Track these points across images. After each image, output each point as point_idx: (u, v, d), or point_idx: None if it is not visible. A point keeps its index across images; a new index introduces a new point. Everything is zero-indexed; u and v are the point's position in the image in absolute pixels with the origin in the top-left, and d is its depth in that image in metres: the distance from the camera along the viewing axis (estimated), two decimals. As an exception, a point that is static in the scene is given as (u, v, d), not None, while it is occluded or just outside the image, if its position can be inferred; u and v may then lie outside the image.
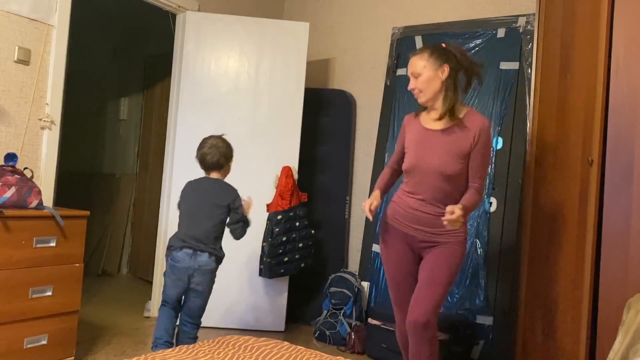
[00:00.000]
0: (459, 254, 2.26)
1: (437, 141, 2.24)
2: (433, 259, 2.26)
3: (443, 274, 2.22)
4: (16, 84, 2.80)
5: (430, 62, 2.20)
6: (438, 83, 2.21)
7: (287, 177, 3.52)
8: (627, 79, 2.25)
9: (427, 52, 2.23)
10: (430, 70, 2.20)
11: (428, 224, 2.27)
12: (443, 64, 2.20)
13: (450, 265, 2.23)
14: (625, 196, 2.22)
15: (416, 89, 2.25)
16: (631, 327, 1.80)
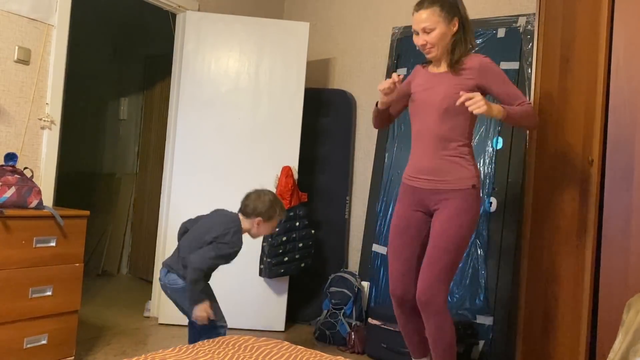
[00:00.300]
0: (465, 211, 2.16)
1: (441, 82, 2.24)
2: (437, 226, 2.19)
3: (445, 246, 2.15)
4: (16, 83, 2.80)
5: (442, 16, 2.17)
6: (449, 37, 2.21)
7: (287, 177, 3.52)
8: (627, 79, 2.26)
9: (437, 5, 2.18)
10: (443, 25, 2.18)
11: (432, 171, 2.22)
12: (454, 17, 2.20)
13: (454, 233, 2.15)
14: (625, 196, 2.22)
15: (428, 44, 2.21)
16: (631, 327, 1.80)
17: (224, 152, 3.52)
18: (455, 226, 2.15)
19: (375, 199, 3.67)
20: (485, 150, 3.21)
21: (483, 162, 3.21)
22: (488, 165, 3.20)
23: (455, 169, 2.19)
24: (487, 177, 3.19)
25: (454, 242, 2.15)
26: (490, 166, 3.19)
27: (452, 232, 2.15)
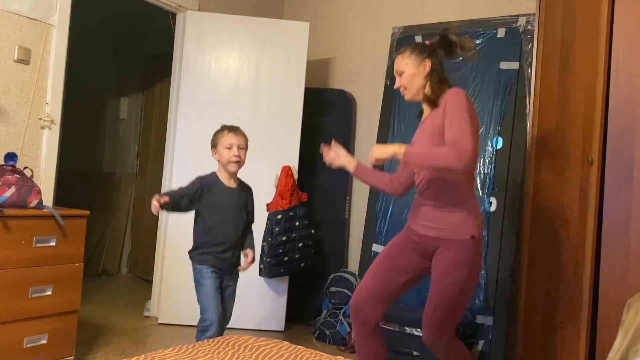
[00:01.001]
0: (464, 258, 2.08)
1: (422, 132, 2.25)
2: (434, 277, 2.14)
3: (443, 301, 2.11)
4: (16, 83, 2.80)
5: (411, 59, 2.22)
6: (420, 79, 2.21)
7: (287, 177, 3.52)
8: (627, 79, 2.26)
9: (408, 50, 2.25)
10: (412, 66, 2.21)
11: (427, 216, 2.17)
12: (424, 59, 2.20)
13: (451, 290, 2.09)
14: (625, 196, 2.22)
15: (401, 87, 2.26)
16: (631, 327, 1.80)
17: (224, 152, 3.53)
18: (452, 282, 2.09)
19: (375, 199, 3.67)
20: (485, 150, 3.21)
21: (483, 162, 3.21)
22: (488, 165, 3.20)
23: (453, 218, 2.11)
24: (487, 177, 3.19)
25: (452, 297, 2.11)
26: (490, 166, 3.19)
27: (449, 288, 2.10)
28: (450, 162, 1.94)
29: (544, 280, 2.65)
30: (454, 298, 2.11)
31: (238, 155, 2.46)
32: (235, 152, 2.45)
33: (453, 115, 2.03)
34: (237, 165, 2.48)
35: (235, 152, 2.45)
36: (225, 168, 2.49)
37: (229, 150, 2.45)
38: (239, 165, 2.49)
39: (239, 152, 2.46)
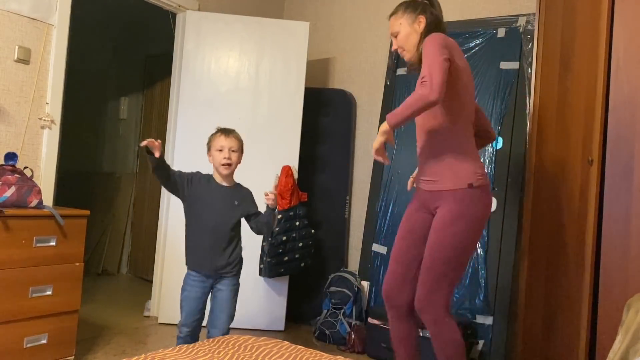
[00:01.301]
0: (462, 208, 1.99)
1: None
2: (432, 232, 2.05)
3: (439, 256, 2.01)
4: (16, 83, 2.80)
5: (404, 17, 2.16)
6: (416, 36, 2.15)
7: (287, 177, 3.52)
8: (627, 79, 2.26)
9: (400, 9, 2.20)
10: (406, 26, 2.16)
11: (425, 171, 2.13)
12: (418, 16, 2.15)
13: (448, 243, 1.99)
14: (625, 196, 2.22)
15: (399, 48, 2.20)
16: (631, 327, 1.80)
17: (224, 152, 3.53)
18: (450, 235, 2.00)
19: (375, 199, 3.67)
20: (485, 150, 3.21)
21: (483, 162, 3.21)
22: (488, 165, 3.20)
23: (448, 167, 2.05)
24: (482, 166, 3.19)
25: (449, 252, 2.00)
26: (490, 166, 3.19)
27: (446, 241, 2.01)
28: (423, 99, 1.90)
29: (544, 280, 2.65)
30: (451, 254, 1.99)
31: (229, 158, 2.44)
32: (226, 155, 2.44)
33: (424, 58, 1.98)
34: (228, 167, 2.46)
35: (226, 155, 2.44)
36: (217, 170, 2.49)
37: (220, 152, 2.45)
38: (230, 168, 2.47)
39: (230, 154, 2.45)
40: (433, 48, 1.97)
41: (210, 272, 2.42)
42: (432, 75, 1.90)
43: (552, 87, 2.70)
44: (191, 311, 2.40)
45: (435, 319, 2.02)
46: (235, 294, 2.47)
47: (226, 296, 2.43)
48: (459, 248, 2.01)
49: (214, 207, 2.45)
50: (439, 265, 2.02)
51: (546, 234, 2.66)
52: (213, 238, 2.42)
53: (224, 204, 2.47)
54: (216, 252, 2.41)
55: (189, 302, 2.41)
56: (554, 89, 2.69)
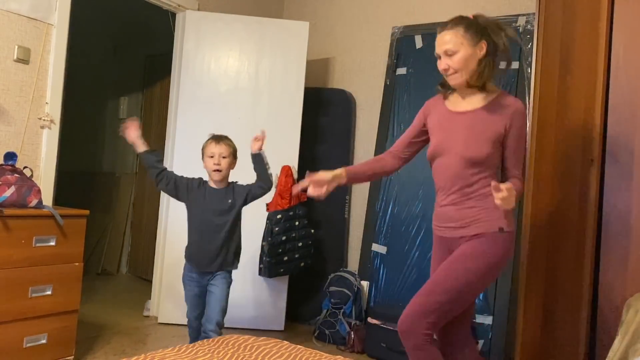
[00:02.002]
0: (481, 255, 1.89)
1: (463, 123, 1.98)
2: (449, 259, 1.96)
3: (444, 285, 1.90)
4: (16, 83, 2.80)
5: (466, 38, 1.92)
6: (475, 61, 1.94)
7: (286, 177, 3.52)
8: (626, 79, 2.26)
9: (462, 26, 1.94)
10: (468, 47, 1.92)
11: (454, 217, 1.98)
12: (481, 40, 1.93)
13: (459, 275, 1.89)
14: (625, 195, 2.22)
15: (450, 69, 1.96)
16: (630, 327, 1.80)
17: (224, 152, 3.52)
18: (463, 268, 1.90)
19: (375, 198, 3.67)
20: (485, 150, 3.20)
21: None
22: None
23: (480, 214, 1.95)
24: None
25: (457, 284, 1.89)
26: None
27: (458, 273, 1.90)
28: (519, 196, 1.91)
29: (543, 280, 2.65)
30: (457, 286, 1.88)
31: (218, 164, 2.55)
32: (216, 161, 2.55)
33: (520, 144, 1.96)
34: (219, 173, 2.57)
35: (216, 161, 2.55)
36: (209, 176, 2.63)
37: (211, 159, 2.57)
38: (220, 174, 2.58)
39: (221, 160, 2.56)
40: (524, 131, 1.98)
41: (207, 270, 2.58)
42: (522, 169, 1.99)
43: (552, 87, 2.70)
44: (192, 307, 2.64)
45: (416, 344, 1.88)
46: (228, 287, 2.61)
47: (220, 291, 2.58)
48: (467, 284, 1.90)
49: (210, 210, 2.59)
50: (439, 292, 1.90)
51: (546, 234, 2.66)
52: (211, 239, 2.57)
53: (219, 206, 2.59)
54: (214, 252, 2.57)
55: (188, 299, 2.65)
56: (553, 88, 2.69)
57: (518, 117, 1.95)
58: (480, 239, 1.92)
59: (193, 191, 2.61)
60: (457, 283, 1.89)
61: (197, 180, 2.66)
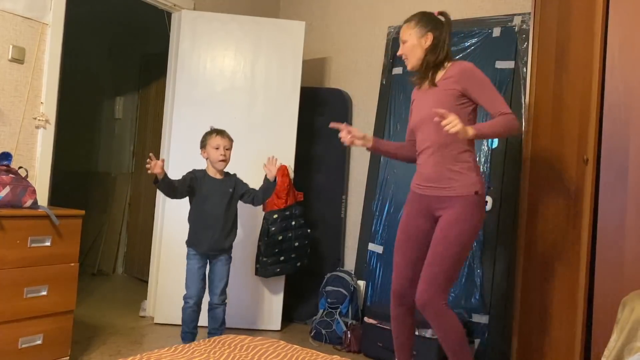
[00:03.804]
0: (466, 218, 2.20)
1: (430, 97, 2.32)
2: (438, 231, 2.24)
3: (444, 252, 2.19)
4: (10, 82, 2.79)
5: (415, 30, 2.33)
6: (420, 50, 2.32)
7: (283, 176, 3.52)
8: (622, 78, 2.26)
9: (414, 20, 2.36)
10: (414, 38, 2.32)
11: (434, 177, 2.28)
12: (427, 32, 2.31)
13: (453, 240, 2.19)
14: (620, 195, 2.23)
15: (403, 55, 2.38)
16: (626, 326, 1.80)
17: (220, 151, 3.52)
18: (455, 233, 2.20)
19: (372, 198, 3.67)
20: (481, 149, 3.22)
21: (479, 161, 3.21)
22: (484, 164, 3.20)
23: (457, 176, 2.24)
24: (482, 176, 3.20)
25: (453, 249, 2.19)
26: (485, 165, 3.20)
27: (452, 238, 2.20)
28: (514, 127, 2.18)
29: (539, 279, 2.66)
30: (457, 250, 2.19)
31: (224, 155, 2.89)
32: (222, 152, 2.88)
33: (483, 87, 2.22)
34: (224, 163, 2.92)
35: (222, 152, 2.88)
36: (213, 165, 2.92)
37: (216, 150, 2.88)
38: (225, 163, 2.92)
39: (225, 152, 2.90)
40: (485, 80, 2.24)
41: (206, 249, 2.89)
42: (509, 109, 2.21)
43: (548, 86, 2.71)
44: (197, 283, 2.89)
45: (437, 311, 2.19)
46: (229, 264, 2.98)
47: (221, 270, 2.94)
48: (461, 245, 2.20)
49: (213, 198, 2.90)
50: (442, 260, 2.20)
51: (541, 233, 2.66)
52: (215, 225, 2.88)
53: (221, 194, 2.91)
54: (219, 235, 2.89)
55: (194, 275, 2.89)
56: (549, 88, 2.70)
57: (467, 74, 2.25)
58: (460, 203, 2.21)
59: (199, 182, 2.90)
60: (453, 249, 2.19)
61: (198, 172, 2.92)
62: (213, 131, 2.92)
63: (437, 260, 2.21)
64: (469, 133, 2.09)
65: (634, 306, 1.81)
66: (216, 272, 2.94)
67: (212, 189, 2.90)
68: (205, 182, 2.90)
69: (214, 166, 2.91)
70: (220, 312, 2.97)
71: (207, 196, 2.89)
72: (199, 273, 2.91)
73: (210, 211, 2.88)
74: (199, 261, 2.90)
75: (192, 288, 2.89)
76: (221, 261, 2.94)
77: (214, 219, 2.88)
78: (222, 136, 2.90)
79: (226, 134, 2.93)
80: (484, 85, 2.24)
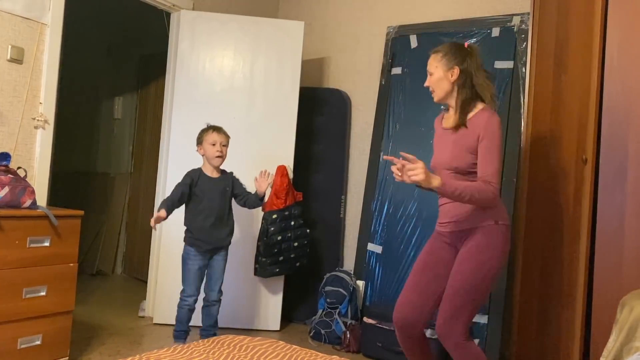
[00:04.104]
0: (489, 241, 2.12)
1: (449, 138, 2.25)
2: (459, 260, 2.16)
3: (461, 285, 2.11)
4: (9, 83, 2.78)
5: (442, 62, 2.23)
6: (447, 84, 2.23)
7: (282, 176, 3.52)
8: (620, 78, 2.27)
9: (441, 52, 2.25)
10: (440, 71, 2.23)
11: (452, 213, 2.21)
12: (454, 66, 2.21)
13: (471, 272, 2.10)
14: (618, 195, 2.23)
15: (430, 87, 2.30)
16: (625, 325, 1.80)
17: (219, 152, 3.52)
18: (473, 265, 2.12)
19: (371, 198, 3.67)
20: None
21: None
22: (483, 164, 3.20)
23: (474, 209, 2.16)
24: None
25: (471, 281, 2.10)
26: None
27: (469, 271, 2.11)
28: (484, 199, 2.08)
29: (538, 279, 2.66)
30: (475, 283, 2.10)
31: (220, 151, 2.91)
32: (219, 148, 2.90)
33: (489, 148, 2.12)
34: (220, 159, 2.94)
35: (219, 148, 2.90)
36: (210, 162, 2.94)
37: (213, 146, 2.90)
38: (221, 160, 2.95)
39: (222, 148, 2.92)
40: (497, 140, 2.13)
41: (209, 247, 2.92)
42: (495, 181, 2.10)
43: (547, 86, 2.71)
44: (195, 280, 2.91)
45: (456, 343, 2.11)
46: (225, 262, 3.02)
47: (221, 265, 2.99)
48: (483, 277, 2.11)
49: (211, 196, 2.92)
50: (463, 293, 2.11)
51: (540, 233, 2.66)
52: (213, 221, 2.91)
53: (218, 192, 2.94)
54: (217, 231, 2.93)
55: (194, 275, 2.91)
56: (548, 88, 2.70)
57: (488, 128, 2.14)
58: (480, 233, 2.14)
59: (196, 183, 2.91)
60: (472, 279, 2.11)
61: (194, 173, 2.94)
62: (209, 127, 2.94)
63: (458, 291, 2.12)
64: (432, 184, 2.01)
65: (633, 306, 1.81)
66: (215, 268, 2.98)
67: (210, 188, 2.92)
68: (203, 181, 2.92)
69: (211, 162, 2.93)
70: (216, 309, 3.00)
71: (205, 195, 2.90)
72: (200, 272, 2.93)
73: (210, 209, 2.90)
74: (200, 261, 2.91)
75: (192, 286, 2.91)
76: (221, 256, 2.98)
77: (215, 217, 2.91)
78: (219, 132, 2.92)
79: (222, 130, 2.95)
80: (494, 145, 2.12)
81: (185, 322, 2.93)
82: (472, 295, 2.11)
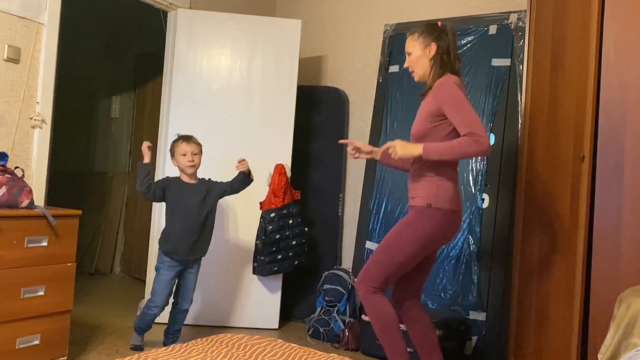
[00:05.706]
0: (410, 224, 2.26)
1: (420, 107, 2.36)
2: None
3: (384, 241, 2.28)
4: (6, 82, 2.78)
5: (419, 41, 2.31)
6: (426, 61, 2.30)
7: (280, 175, 3.52)
8: (617, 75, 2.27)
9: (417, 31, 2.34)
10: (418, 49, 2.31)
11: (409, 188, 2.37)
12: (431, 43, 2.28)
13: (389, 238, 2.27)
14: (616, 191, 2.24)
15: (409, 68, 2.37)
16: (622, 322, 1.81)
17: (217, 150, 3.50)
18: (394, 233, 2.28)
19: (369, 196, 3.67)
20: (478, 147, 3.22)
21: (475, 159, 3.22)
22: (480, 162, 3.21)
23: (418, 187, 2.29)
24: (479, 173, 3.21)
25: (389, 243, 2.27)
26: (482, 162, 3.21)
27: (390, 237, 2.28)
28: (472, 149, 2.10)
29: (536, 276, 2.67)
30: (388, 245, 2.26)
31: (192, 160, 2.91)
32: (190, 158, 2.91)
33: (454, 106, 2.16)
34: (193, 168, 2.94)
35: (190, 158, 2.91)
36: (184, 171, 2.95)
37: (184, 157, 2.91)
38: (194, 169, 2.95)
39: (193, 157, 2.92)
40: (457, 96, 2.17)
41: (185, 257, 2.90)
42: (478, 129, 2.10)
43: (544, 83, 2.71)
44: (165, 290, 2.91)
45: (365, 289, 2.27)
46: (197, 275, 3.03)
47: (194, 277, 3.01)
48: (398, 247, 2.25)
49: (188, 204, 2.91)
50: (379, 250, 2.29)
51: (538, 230, 2.67)
52: (195, 230, 2.90)
53: (195, 200, 2.92)
54: (195, 240, 2.91)
55: (163, 285, 2.90)
56: (545, 85, 2.71)
57: (439, 91, 2.22)
58: (412, 211, 2.29)
59: (173, 188, 2.92)
60: (387, 243, 2.28)
61: (172, 179, 2.96)
62: (179, 138, 2.95)
63: (377, 250, 2.31)
64: (414, 153, 2.14)
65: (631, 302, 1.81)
66: (188, 280, 2.99)
67: (187, 194, 2.92)
68: (179, 188, 2.92)
69: (184, 172, 2.94)
70: (185, 316, 3.06)
71: (181, 202, 2.91)
72: (171, 283, 2.93)
73: (187, 217, 2.89)
74: (174, 271, 2.91)
75: (162, 296, 2.91)
76: (195, 268, 3.00)
77: (193, 224, 2.90)
78: (188, 142, 2.92)
79: (193, 139, 2.95)
80: (455, 103, 2.16)
81: (148, 327, 3.00)
82: (388, 255, 2.25)
